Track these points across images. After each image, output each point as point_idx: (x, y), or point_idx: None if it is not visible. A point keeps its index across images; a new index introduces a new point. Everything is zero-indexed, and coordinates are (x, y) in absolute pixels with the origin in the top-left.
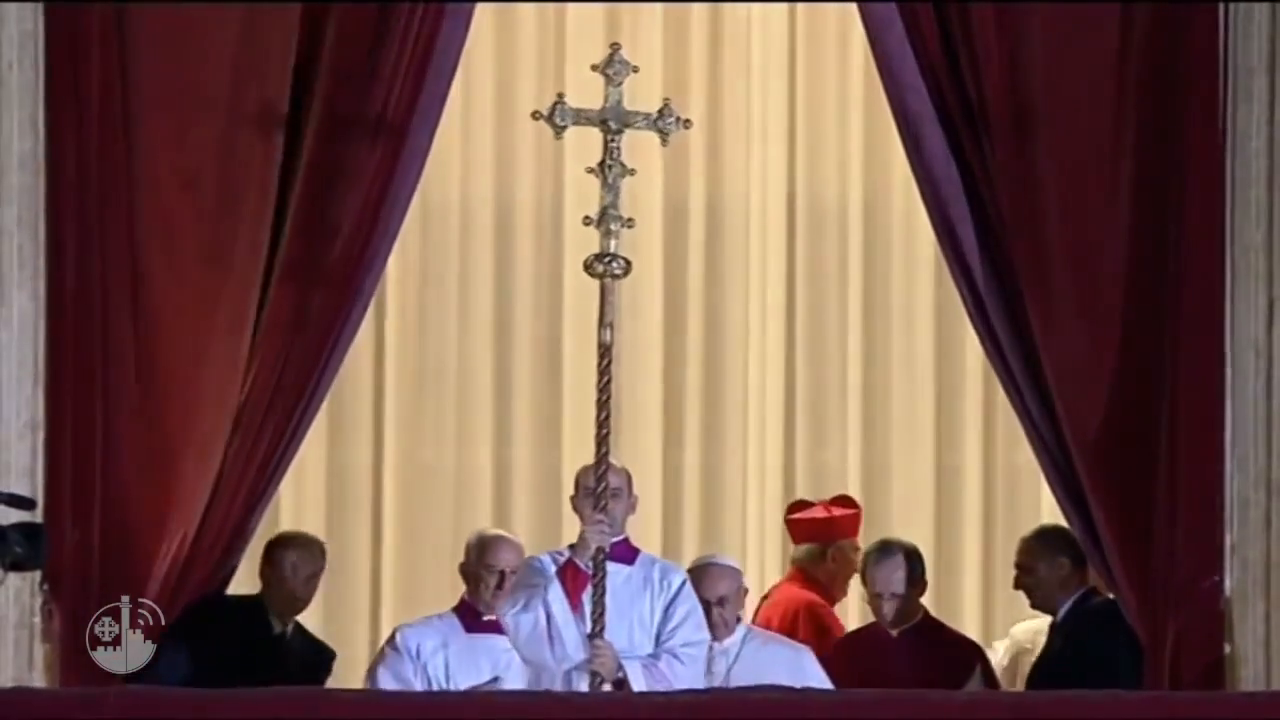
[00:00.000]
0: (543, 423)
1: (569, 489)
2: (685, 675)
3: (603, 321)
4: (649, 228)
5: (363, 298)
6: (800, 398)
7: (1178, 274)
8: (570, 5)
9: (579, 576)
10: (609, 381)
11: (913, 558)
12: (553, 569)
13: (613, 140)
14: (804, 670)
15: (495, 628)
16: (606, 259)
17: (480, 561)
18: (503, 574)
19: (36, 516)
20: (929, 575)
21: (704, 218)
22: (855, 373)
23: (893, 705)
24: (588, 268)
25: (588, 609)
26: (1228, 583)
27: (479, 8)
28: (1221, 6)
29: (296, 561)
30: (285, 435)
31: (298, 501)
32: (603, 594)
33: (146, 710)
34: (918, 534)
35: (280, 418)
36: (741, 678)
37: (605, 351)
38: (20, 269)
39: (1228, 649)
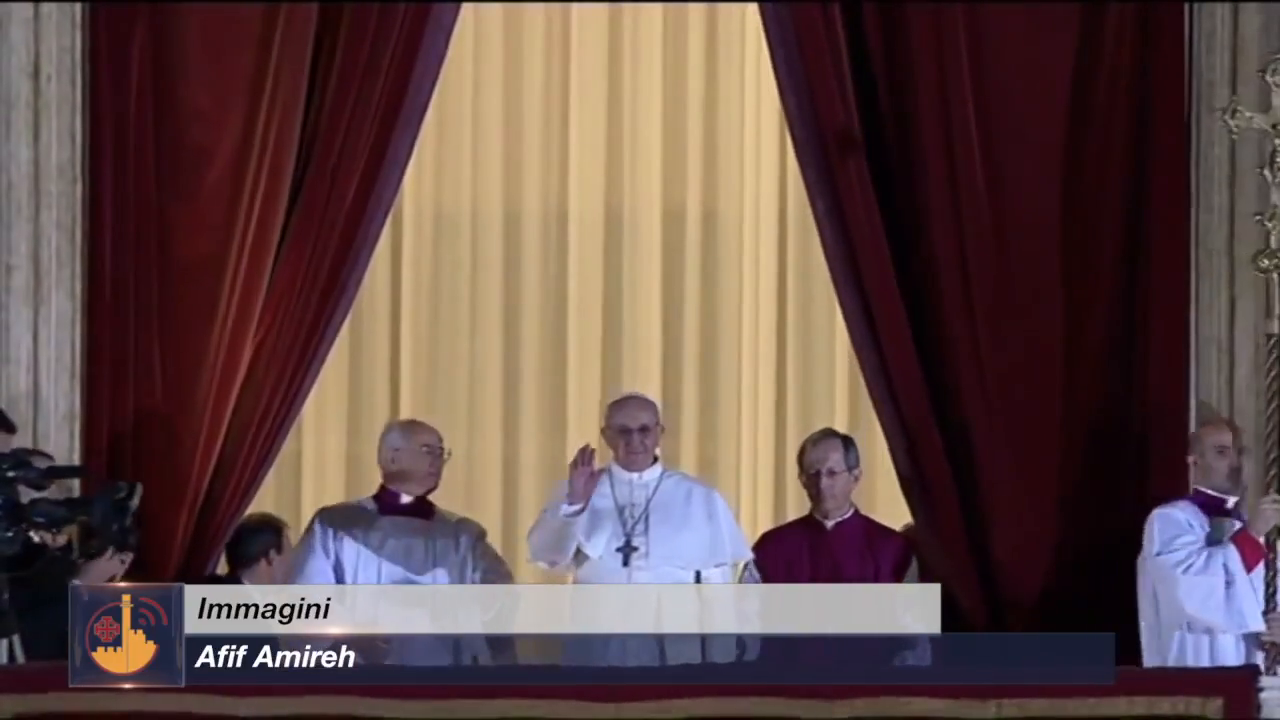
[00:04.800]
0: (548, 415)
1: None
2: None
3: (1270, 313)
4: (649, 231)
5: (346, 295)
6: (791, 393)
7: (1146, 275)
8: (575, 6)
9: (1256, 549)
10: (1278, 374)
11: (849, 444)
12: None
13: (1277, 142)
14: (715, 507)
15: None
16: (1276, 254)
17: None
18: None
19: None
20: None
21: (700, 222)
22: (843, 369)
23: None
24: (1255, 263)
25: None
26: None
27: (487, 10)
28: (1185, 21)
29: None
30: (276, 421)
31: (318, 488)
32: (1275, 573)
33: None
34: (903, 517)
35: (269, 403)
36: (659, 508)
37: (1274, 342)
38: (59, 269)
39: None
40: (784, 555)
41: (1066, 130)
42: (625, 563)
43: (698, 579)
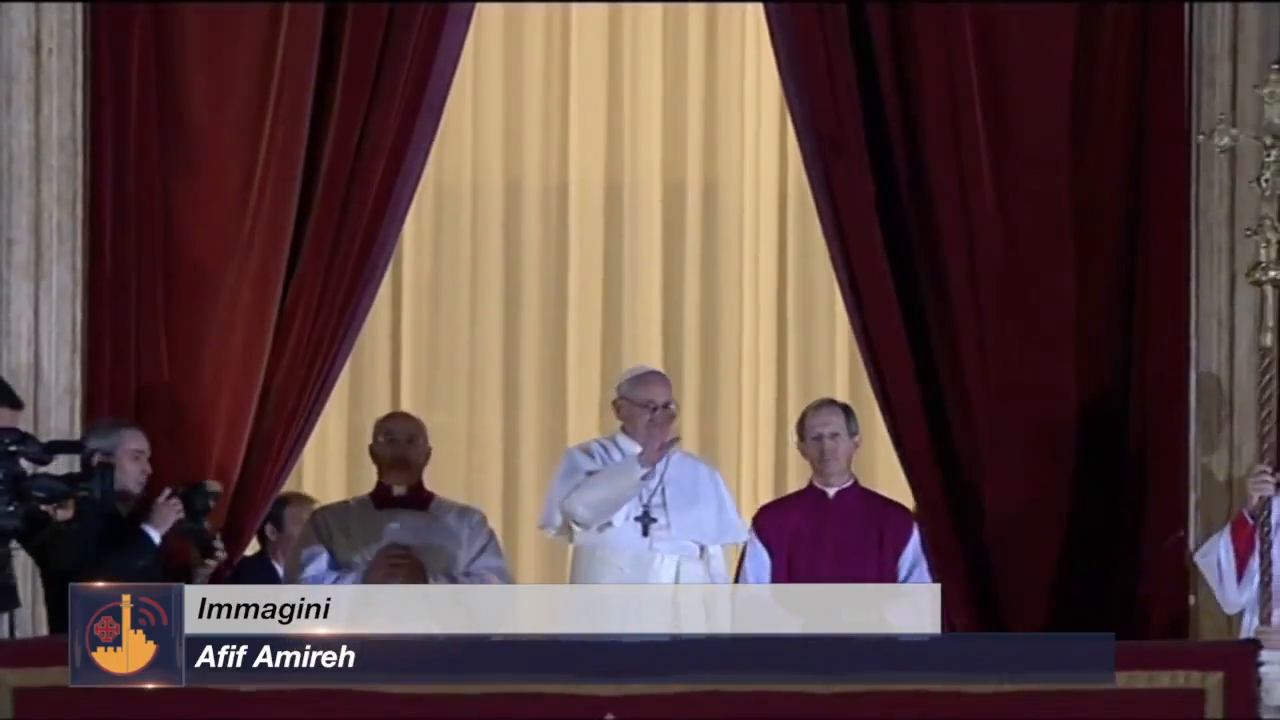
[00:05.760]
0: (549, 391)
1: None
2: None
3: (1263, 326)
4: (649, 204)
5: (377, 273)
6: (792, 365)
7: (1146, 249)
8: (575, 5)
9: (1246, 529)
10: (1271, 381)
11: (849, 412)
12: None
13: (1268, 154)
14: (720, 488)
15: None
16: (1265, 266)
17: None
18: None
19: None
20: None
21: (700, 195)
22: (843, 341)
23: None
24: (1249, 276)
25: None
26: (1192, 538)
27: (489, 6)
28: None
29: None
30: (309, 401)
31: (319, 461)
32: (1270, 562)
33: None
34: (902, 491)
35: (304, 384)
36: (674, 482)
37: (1267, 355)
38: (60, 244)
39: (1192, 601)
40: (786, 526)
41: (1069, 106)
42: (645, 533)
43: (701, 555)
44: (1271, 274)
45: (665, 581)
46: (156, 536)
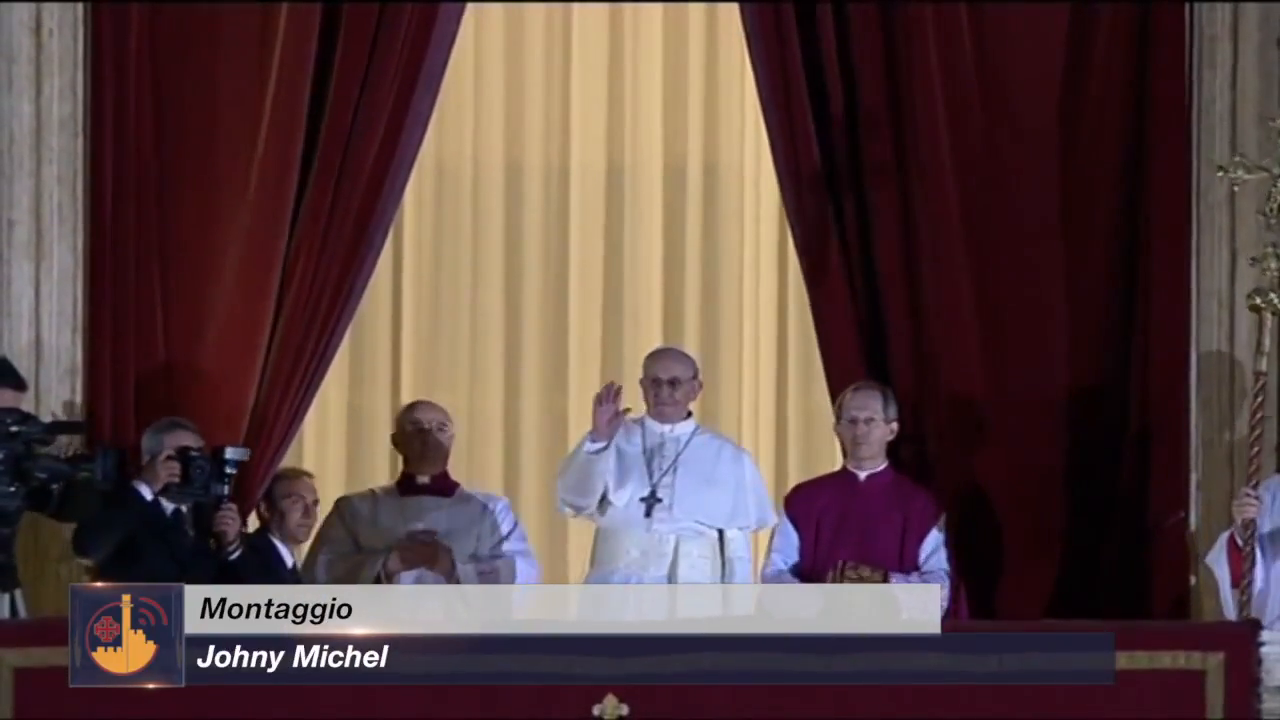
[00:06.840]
0: (550, 372)
1: (575, 434)
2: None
3: (1259, 350)
4: (650, 184)
5: (374, 248)
6: (792, 346)
7: (1147, 230)
8: (576, 6)
9: (1235, 555)
10: (1262, 402)
11: (888, 395)
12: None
13: (1275, 185)
14: (744, 469)
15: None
16: (1268, 294)
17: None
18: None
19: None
20: None
21: (701, 176)
22: None
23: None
24: (1249, 300)
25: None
26: (1193, 519)
27: (490, 7)
28: None
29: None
30: (307, 378)
31: (320, 441)
32: (1249, 580)
33: None
34: None
35: (298, 357)
36: (687, 463)
37: (1260, 378)
38: (60, 224)
39: (1193, 581)
40: (814, 506)
41: (1065, 81)
42: (648, 513)
43: (720, 539)
44: (1270, 297)
45: (665, 559)
46: (148, 494)
